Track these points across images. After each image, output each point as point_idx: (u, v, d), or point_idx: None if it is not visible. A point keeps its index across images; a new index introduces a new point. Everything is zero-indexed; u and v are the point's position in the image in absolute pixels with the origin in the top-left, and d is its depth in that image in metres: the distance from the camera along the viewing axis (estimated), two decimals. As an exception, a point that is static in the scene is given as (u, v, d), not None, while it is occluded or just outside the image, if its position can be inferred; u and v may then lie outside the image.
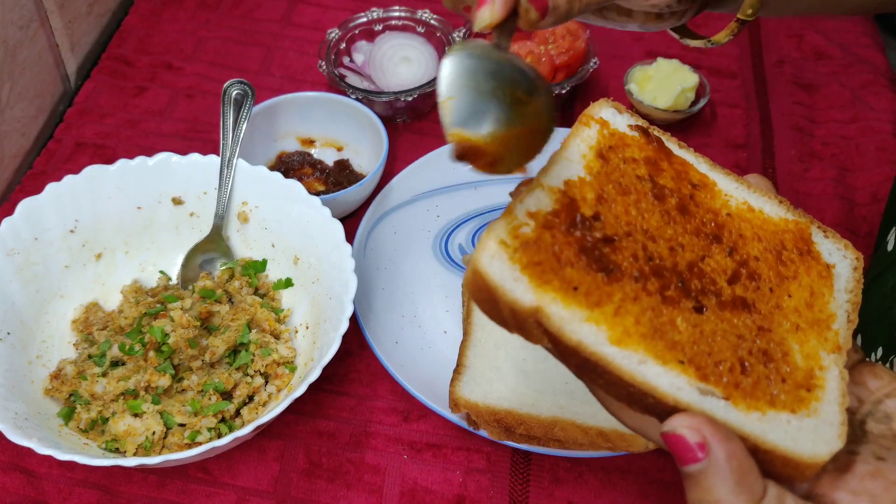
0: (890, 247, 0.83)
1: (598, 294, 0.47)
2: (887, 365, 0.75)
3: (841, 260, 0.56)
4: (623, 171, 0.54)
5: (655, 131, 0.59)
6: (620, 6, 0.65)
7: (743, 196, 0.57)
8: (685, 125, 1.08)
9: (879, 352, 0.77)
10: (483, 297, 0.48)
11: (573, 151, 0.54)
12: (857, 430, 0.49)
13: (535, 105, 0.50)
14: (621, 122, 0.58)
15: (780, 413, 0.47)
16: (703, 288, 0.51)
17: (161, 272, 0.89)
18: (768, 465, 0.46)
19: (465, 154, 0.47)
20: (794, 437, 0.46)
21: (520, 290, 0.46)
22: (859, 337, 0.82)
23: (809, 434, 0.47)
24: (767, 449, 0.46)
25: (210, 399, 0.77)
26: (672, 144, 0.59)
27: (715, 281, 0.51)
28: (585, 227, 0.50)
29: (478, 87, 0.49)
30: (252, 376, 0.80)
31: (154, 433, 0.74)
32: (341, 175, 1.00)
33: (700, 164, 0.58)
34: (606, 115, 0.58)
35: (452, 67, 0.49)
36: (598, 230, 0.50)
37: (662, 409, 0.46)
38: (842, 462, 0.47)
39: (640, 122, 0.59)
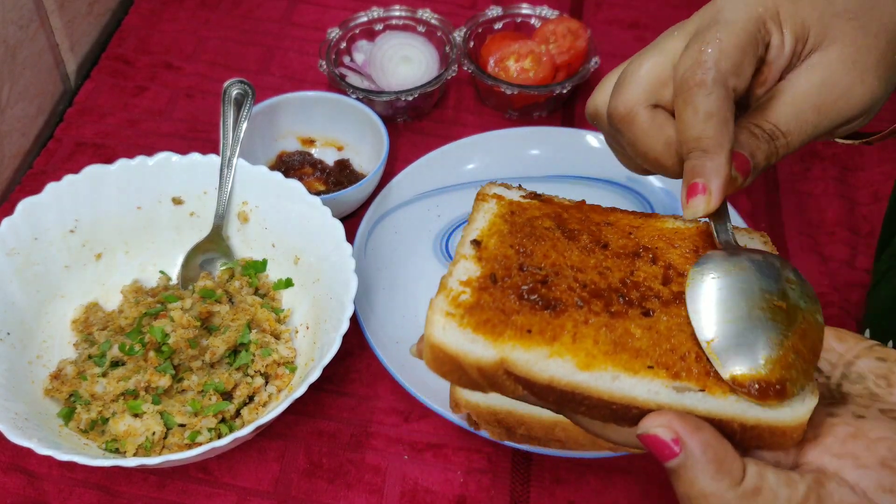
0: None
1: (552, 329, 0.50)
2: None
3: (750, 241, 0.58)
4: (531, 226, 0.57)
5: (545, 196, 0.62)
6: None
7: (645, 220, 0.60)
8: (686, 125, 1.08)
9: (889, 345, 0.77)
10: (448, 368, 0.50)
11: (479, 222, 0.58)
12: (834, 394, 0.50)
13: (792, 298, 0.50)
14: (514, 194, 0.62)
15: None
16: (643, 295, 0.53)
17: (161, 272, 0.89)
18: (757, 439, 0.48)
19: (762, 392, 0.47)
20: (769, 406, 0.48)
21: (479, 348, 0.49)
22: (867, 331, 0.81)
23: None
24: (752, 425, 0.47)
25: (210, 399, 0.77)
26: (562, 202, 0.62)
27: (651, 287, 0.54)
28: (516, 278, 0.53)
29: (735, 314, 0.49)
30: (252, 376, 0.80)
31: (154, 433, 0.74)
32: (342, 175, 1.00)
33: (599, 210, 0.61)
34: (499, 191, 0.62)
35: (699, 299, 0.50)
36: (529, 277, 0.53)
37: (644, 414, 0.48)
38: (824, 427, 0.47)
39: (530, 192, 0.62)
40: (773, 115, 0.57)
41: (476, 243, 0.55)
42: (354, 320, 0.81)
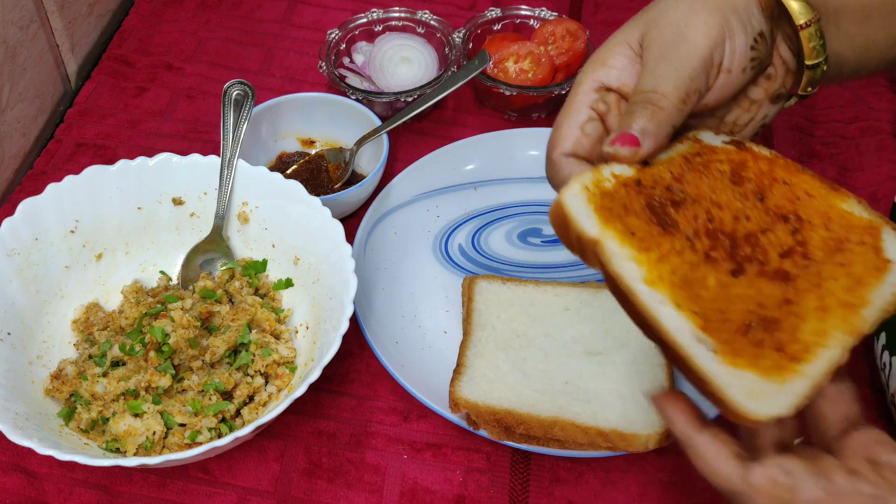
0: None
1: (650, 242, 0.56)
2: None
3: None
4: (705, 164, 0.61)
5: (755, 147, 0.63)
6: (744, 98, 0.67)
7: (827, 192, 0.61)
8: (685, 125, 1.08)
9: None
10: (558, 222, 0.58)
11: (662, 155, 0.62)
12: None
13: None
14: (717, 140, 0.64)
15: (750, 373, 0.52)
16: (751, 255, 0.56)
17: (161, 272, 0.89)
18: (714, 400, 0.52)
19: None
20: (748, 392, 0.51)
21: (589, 224, 0.56)
22: (883, 335, 0.81)
23: (765, 395, 0.51)
24: (721, 398, 0.51)
25: (210, 399, 0.77)
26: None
27: (767, 251, 0.57)
28: (657, 191, 0.59)
29: None
30: (252, 376, 0.80)
31: (154, 433, 0.74)
32: (341, 175, 1.00)
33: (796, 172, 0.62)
34: (705, 137, 0.64)
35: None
36: (667, 195, 0.59)
37: (663, 340, 0.54)
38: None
39: (737, 137, 0.64)
40: (640, 84, 0.62)
41: (644, 163, 0.60)
42: (354, 320, 0.81)
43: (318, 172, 0.99)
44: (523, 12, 1.13)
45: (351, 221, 0.95)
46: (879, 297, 0.54)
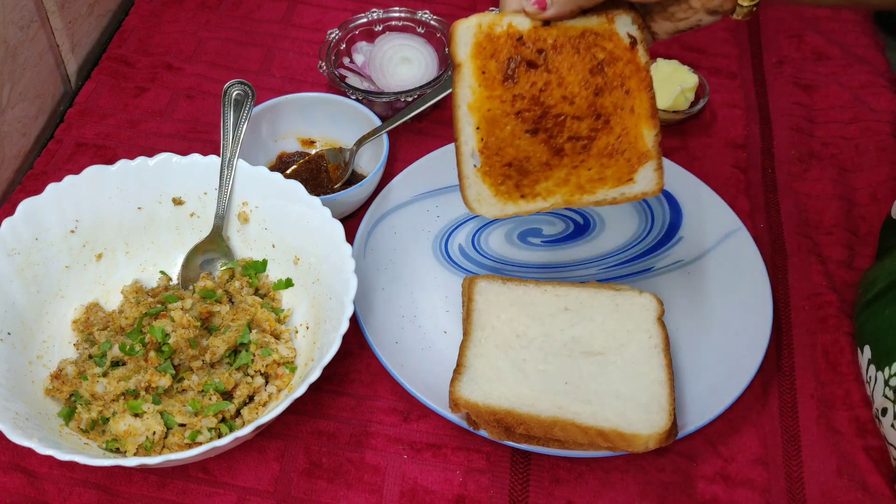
0: None
1: (491, 83, 0.70)
2: None
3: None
4: (588, 46, 0.70)
5: (641, 52, 0.71)
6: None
7: (644, 116, 0.71)
8: (685, 125, 1.08)
9: (892, 369, 0.77)
10: (449, 39, 0.70)
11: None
12: None
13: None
14: (623, 28, 0.71)
15: (487, 187, 0.73)
16: (550, 128, 0.71)
17: (161, 272, 0.89)
18: (460, 187, 0.73)
19: None
20: (476, 195, 0.73)
21: (461, 51, 0.69)
22: (866, 348, 0.81)
23: (485, 203, 0.74)
24: (462, 191, 0.73)
25: (210, 399, 0.77)
26: None
27: (563, 131, 0.71)
28: (527, 50, 0.70)
29: None
30: (252, 376, 0.80)
31: (154, 433, 0.74)
32: (341, 175, 1.00)
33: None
34: (619, 21, 0.70)
35: None
36: (532, 56, 0.70)
37: (457, 145, 0.71)
38: None
39: (637, 35, 0.71)
40: None
41: (547, 22, 0.69)
42: (354, 320, 0.81)
43: (318, 172, 0.99)
44: (523, 12, 1.13)
45: (351, 221, 0.95)
46: (603, 195, 0.72)
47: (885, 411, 0.77)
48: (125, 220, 0.87)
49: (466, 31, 0.69)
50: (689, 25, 0.71)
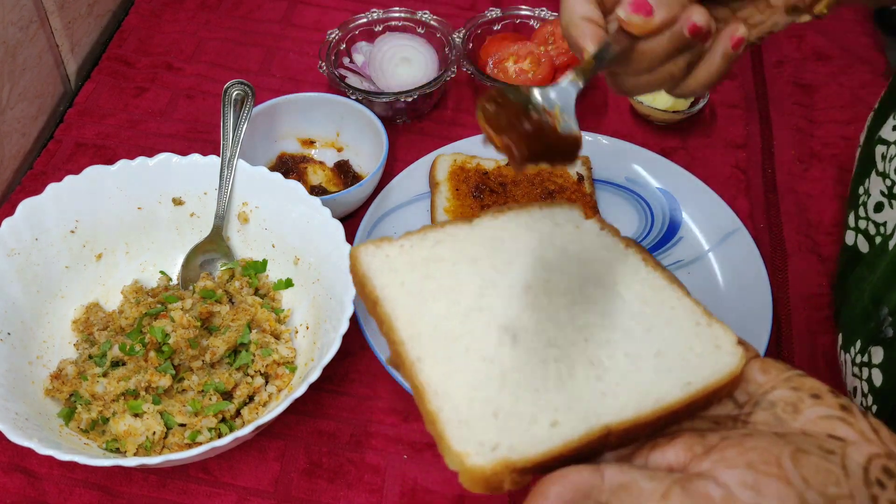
0: (850, 241, 0.83)
1: (462, 196, 0.93)
2: (864, 357, 0.75)
3: None
4: (543, 188, 0.92)
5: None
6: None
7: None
8: (685, 125, 1.08)
9: (857, 346, 0.76)
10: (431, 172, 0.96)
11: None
12: (737, 424, 0.51)
13: None
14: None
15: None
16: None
17: (161, 272, 0.89)
18: None
19: None
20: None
21: (441, 175, 0.96)
22: (840, 336, 0.81)
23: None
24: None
25: (210, 399, 0.77)
26: None
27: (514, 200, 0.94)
28: (491, 182, 0.93)
29: None
30: (252, 376, 0.80)
31: (154, 433, 0.74)
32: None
33: None
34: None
35: None
36: (496, 187, 0.94)
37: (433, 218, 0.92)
38: (714, 448, 0.47)
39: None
40: None
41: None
42: (354, 320, 0.81)
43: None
44: (523, 12, 1.13)
45: (351, 221, 0.95)
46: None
47: (854, 391, 0.76)
48: (125, 221, 0.87)
49: (443, 161, 0.96)
50: (760, 34, 0.65)
